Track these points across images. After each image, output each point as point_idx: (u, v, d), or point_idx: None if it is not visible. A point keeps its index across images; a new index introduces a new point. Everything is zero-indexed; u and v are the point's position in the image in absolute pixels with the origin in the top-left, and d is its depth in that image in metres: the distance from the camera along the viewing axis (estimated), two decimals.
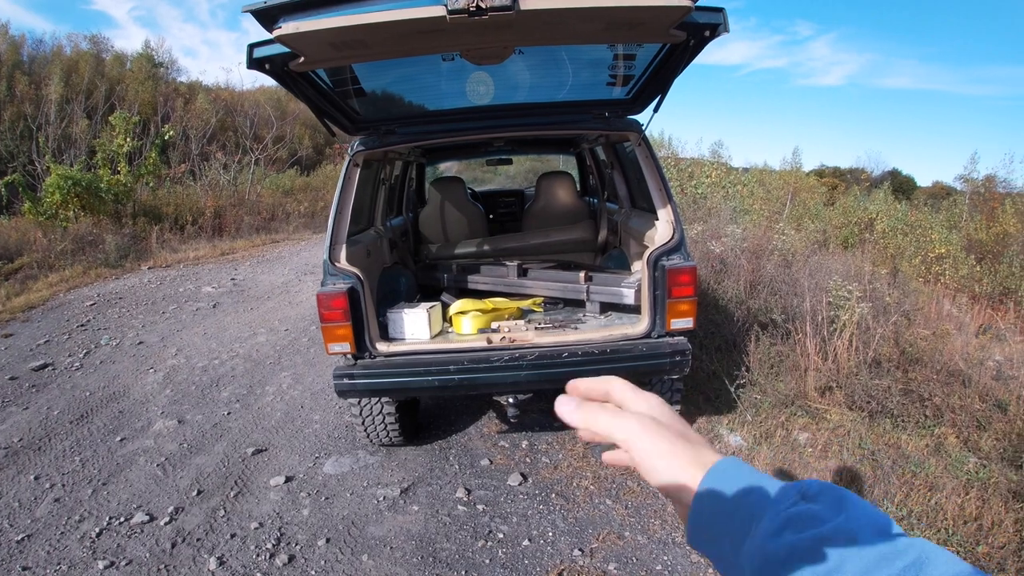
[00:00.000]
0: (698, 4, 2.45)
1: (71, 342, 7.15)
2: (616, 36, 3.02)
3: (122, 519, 3.77)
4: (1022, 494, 3.57)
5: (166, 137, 16.15)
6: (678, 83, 3.54)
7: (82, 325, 7.79)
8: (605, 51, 3.43)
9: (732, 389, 4.91)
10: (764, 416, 4.70)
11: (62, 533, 3.65)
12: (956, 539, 3.30)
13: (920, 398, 4.63)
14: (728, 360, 5.56)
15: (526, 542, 3.49)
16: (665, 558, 3.34)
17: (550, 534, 3.56)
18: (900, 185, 37.46)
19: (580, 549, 3.42)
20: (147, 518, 3.76)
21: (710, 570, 3.25)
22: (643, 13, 2.52)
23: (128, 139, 14.52)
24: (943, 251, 12.95)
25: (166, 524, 3.71)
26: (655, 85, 3.74)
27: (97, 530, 3.65)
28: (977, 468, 3.90)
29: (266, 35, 2.49)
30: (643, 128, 4.10)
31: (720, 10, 2.75)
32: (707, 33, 2.83)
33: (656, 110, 3.93)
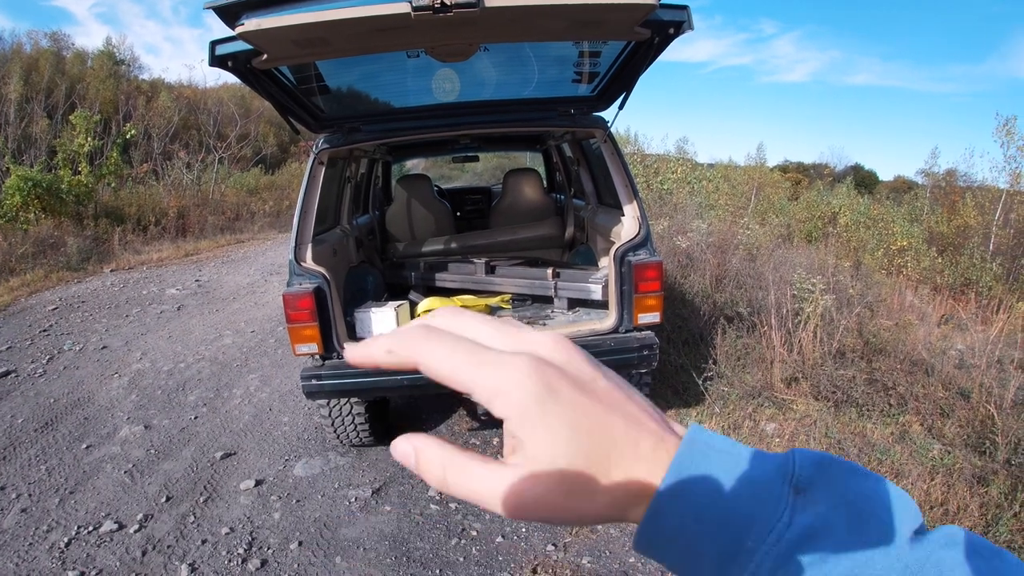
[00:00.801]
0: (662, 2, 2.47)
1: (34, 348, 7.00)
2: (581, 33, 3.03)
3: (91, 528, 3.70)
4: (986, 479, 3.66)
5: (128, 136, 15.86)
6: (644, 80, 3.57)
7: (44, 330, 7.63)
8: (571, 48, 3.44)
9: (700, 382, 4.96)
10: (732, 408, 4.75)
11: (30, 544, 3.57)
12: None
13: (884, 387, 4.72)
14: (695, 353, 5.61)
15: (499, 539, 3.50)
16: None
17: (523, 530, 3.57)
18: (862, 180, 38.13)
19: (553, 544, 3.43)
20: (116, 526, 3.70)
21: None
22: (607, 11, 2.54)
23: (89, 138, 14.23)
24: (905, 244, 13.21)
25: (136, 532, 3.65)
26: (620, 82, 3.76)
27: (66, 540, 3.59)
28: (942, 454, 3.98)
29: (229, 32, 2.46)
30: (608, 125, 4.12)
31: (684, 7, 2.77)
32: (671, 31, 2.85)
33: (621, 107, 3.96)
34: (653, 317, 3.72)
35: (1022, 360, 5.35)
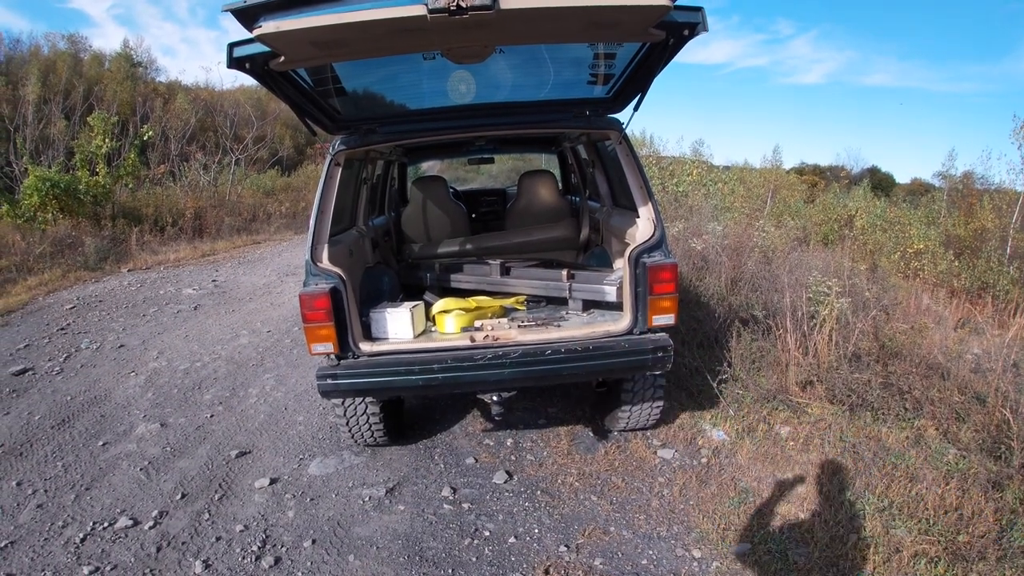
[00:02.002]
0: (677, 3, 2.47)
1: (51, 346, 7.08)
2: (596, 35, 3.04)
3: (106, 524, 3.74)
4: (1001, 484, 3.63)
5: (145, 137, 16.03)
6: (659, 81, 3.57)
7: (62, 329, 7.71)
8: (586, 50, 3.45)
9: (714, 384, 4.94)
10: (746, 411, 4.74)
11: (46, 539, 3.62)
12: (937, 529, 3.34)
13: (900, 391, 4.68)
14: (710, 356, 5.59)
15: (512, 539, 3.50)
16: (650, 552, 3.36)
17: (536, 531, 3.58)
18: (879, 182, 37.78)
19: (566, 545, 3.43)
20: (131, 522, 3.74)
21: (695, 564, 3.28)
22: (622, 13, 2.54)
23: (107, 140, 14.35)
24: (922, 247, 13.07)
25: (150, 528, 3.69)
26: (635, 84, 3.76)
27: (81, 535, 3.63)
28: (957, 459, 3.95)
29: (246, 34, 2.48)
30: (623, 127, 4.12)
31: (699, 9, 2.77)
32: (686, 32, 2.85)
33: (636, 108, 3.95)
34: (668, 319, 3.71)
35: None
